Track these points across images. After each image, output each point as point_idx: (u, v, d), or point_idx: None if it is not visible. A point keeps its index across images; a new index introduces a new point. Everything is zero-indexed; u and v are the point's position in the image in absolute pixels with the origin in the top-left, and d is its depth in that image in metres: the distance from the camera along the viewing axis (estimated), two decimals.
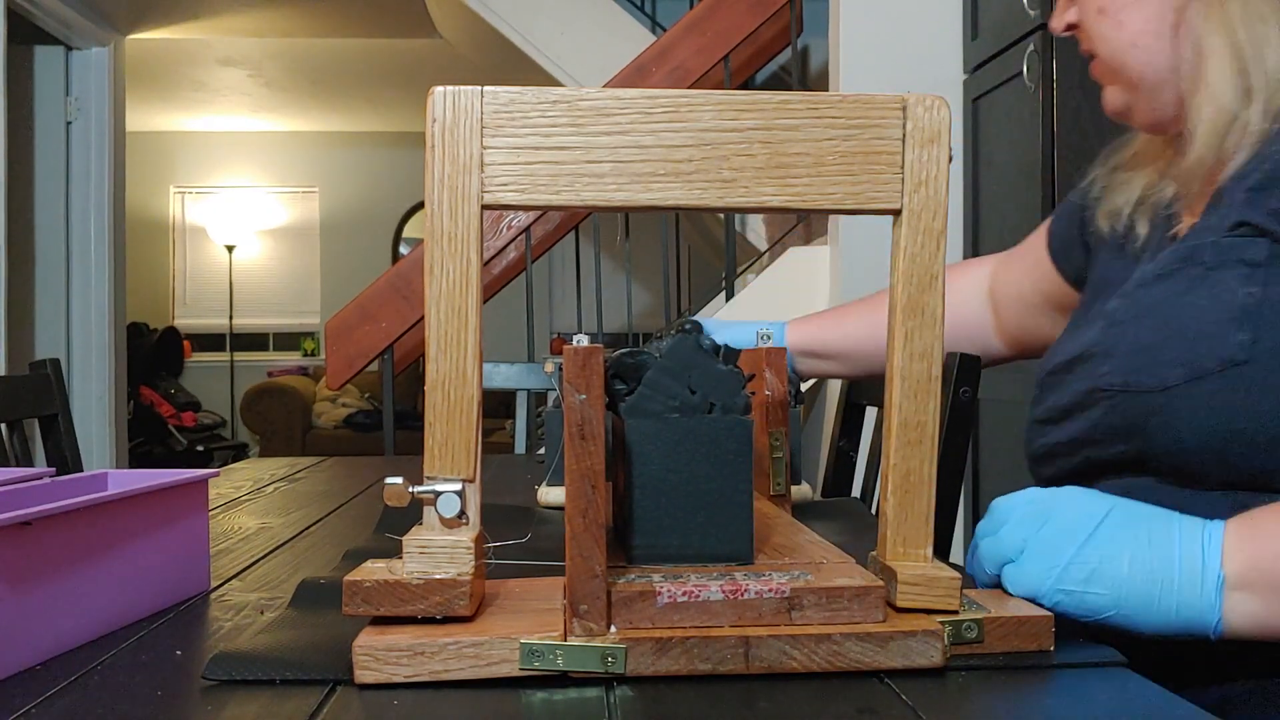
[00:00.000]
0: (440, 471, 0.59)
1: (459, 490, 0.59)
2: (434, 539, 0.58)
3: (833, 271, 2.77)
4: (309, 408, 6.46)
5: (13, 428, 1.47)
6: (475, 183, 0.59)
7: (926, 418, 0.63)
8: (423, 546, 0.58)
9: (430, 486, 0.59)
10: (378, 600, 0.58)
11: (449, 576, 0.58)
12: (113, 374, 4.31)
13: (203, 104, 6.82)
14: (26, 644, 0.59)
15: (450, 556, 0.58)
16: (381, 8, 4.67)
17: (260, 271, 7.55)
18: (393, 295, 3.04)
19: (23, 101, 4.07)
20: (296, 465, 1.67)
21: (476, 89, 0.60)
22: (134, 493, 0.68)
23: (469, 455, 0.59)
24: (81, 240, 4.24)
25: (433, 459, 0.59)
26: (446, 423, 0.59)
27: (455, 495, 0.59)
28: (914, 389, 0.63)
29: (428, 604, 0.58)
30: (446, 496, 0.59)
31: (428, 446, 0.59)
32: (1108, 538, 0.63)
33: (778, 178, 0.61)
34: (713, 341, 0.67)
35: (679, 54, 3.13)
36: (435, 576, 0.58)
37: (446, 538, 0.58)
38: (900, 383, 0.63)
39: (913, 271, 0.63)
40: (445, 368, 0.59)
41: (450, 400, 0.59)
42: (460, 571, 0.58)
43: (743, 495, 0.64)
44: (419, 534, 0.59)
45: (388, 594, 0.58)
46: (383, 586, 0.57)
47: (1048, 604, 0.63)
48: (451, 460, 0.59)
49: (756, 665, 0.56)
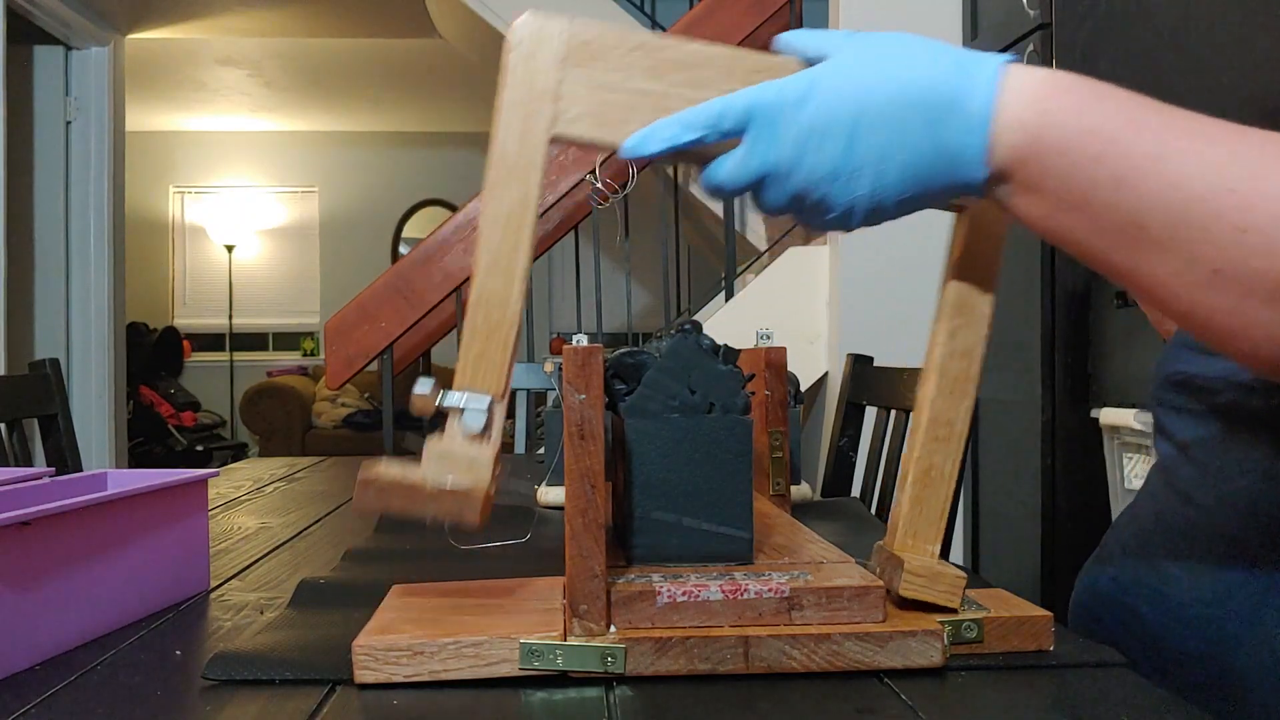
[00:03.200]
0: (471, 386, 0.59)
1: (487, 407, 0.59)
2: (455, 449, 0.58)
3: (832, 271, 2.77)
4: (308, 408, 6.45)
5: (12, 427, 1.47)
6: (547, 112, 0.58)
7: (958, 416, 0.63)
8: (443, 454, 0.58)
9: (459, 399, 0.59)
10: (390, 496, 0.57)
11: (464, 486, 0.58)
12: (112, 374, 4.30)
13: (202, 104, 6.82)
14: (26, 644, 0.59)
15: (469, 467, 0.58)
16: (381, 8, 4.67)
17: (260, 271, 7.55)
18: (392, 295, 3.03)
19: (22, 101, 4.07)
20: (296, 465, 1.67)
21: (565, 19, 0.58)
22: (133, 493, 0.68)
23: (501, 375, 0.59)
24: (81, 240, 4.24)
25: (464, 373, 0.59)
26: (485, 340, 0.59)
27: (482, 411, 0.58)
28: (950, 386, 0.63)
29: (439, 508, 0.57)
30: (473, 411, 0.58)
31: (461, 360, 0.59)
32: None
33: None
34: (712, 341, 0.67)
35: None
36: (451, 484, 0.57)
37: (467, 449, 0.58)
38: (937, 378, 0.63)
39: (968, 270, 0.63)
40: (491, 286, 0.59)
41: (491, 320, 0.59)
42: (476, 483, 0.58)
43: (742, 495, 0.64)
44: (440, 442, 0.59)
45: (402, 492, 0.57)
46: (398, 484, 0.57)
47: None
48: (483, 377, 0.59)
49: (756, 665, 0.56)
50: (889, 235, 2.64)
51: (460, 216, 3.08)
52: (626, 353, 0.67)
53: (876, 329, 2.61)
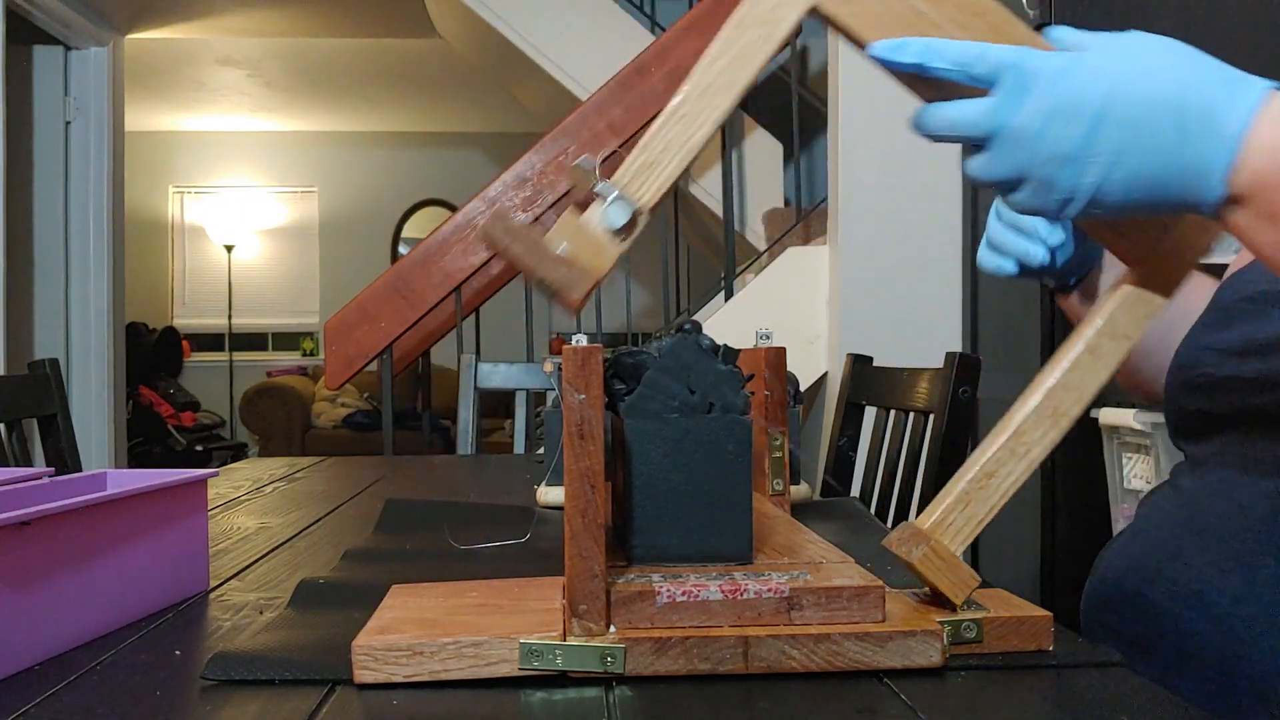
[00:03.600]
0: (627, 189, 0.59)
1: (634, 211, 0.59)
2: (590, 229, 0.59)
3: (832, 271, 2.77)
4: (308, 408, 6.45)
5: (12, 428, 1.47)
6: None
7: (1038, 442, 0.64)
8: (578, 229, 0.58)
9: (613, 192, 0.59)
10: (516, 239, 0.58)
11: (582, 265, 0.58)
12: (112, 374, 4.30)
13: (202, 104, 6.82)
14: (26, 644, 0.59)
15: (595, 251, 0.58)
16: (380, 8, 4.67)
17: (259, 271, 7.54)
18: (392, 295, 3.03)
19: (22, 101, 4.07)
20: (295, 465, 1.67)
21: None
22: (133, 493, 0.68)
23: (657, 190, 0.59)
24: (80, 240, 4.24)
25: (626, 173, 0.59)
26: (659, 153, 0.59)
27: (628, 213, 0.59)
28: (1048, 412, 0.64)
29: (549, 272, 0.57)
30: (621, 208, 0.58)
31: (629, 162, 0.59)
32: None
33: None
34: (712, 341, 0.67)
35: (678, 54, 3.13)
36: (574, 257, 0.58)
37: (600, 234, 0.59)
38: (1041, 398, 0.64)
39: (1130, 305, 0.64)
40: (692, 108, 0.59)
41: (675, 139, 0.59)
42: (594, 267, 0.58)
43: (742, 495, 0.64)
44: (578, 218, 0.59)
45: (527, 243, 0.58)
46: (528, 235, 0.58)
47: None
48: (643, 186, 0.59)
49: (756, 665, 0.56)
50: (889, 235, 2.64)
51: (460, 216, 3.08)
52: (626, 353, 0.67)
53: (876, 329, 2.61)
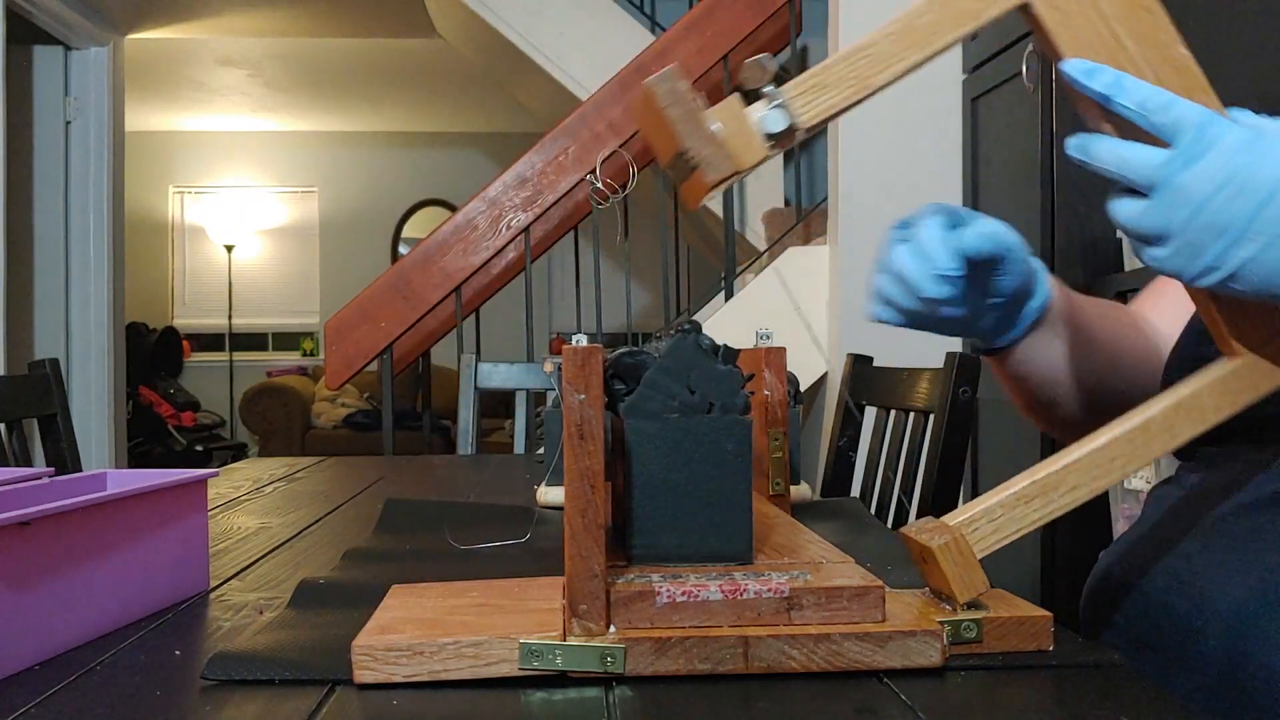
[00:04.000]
0: (794, 102, 0.59)
1: (792, 123, 0.59)
2: (748, 123, 0.59)
3: (832, 271, 2.77)
4: (308, 408, 6.46)
5: (12, 428, 1.47)
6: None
7: (1093, 480, 0.63)
8: (735, 116, 0.59)
9: (780, 99, 0.59)
10: (677, 102, 0.58)
11: (730, 149, 0.59)
12: (112, 374, 4.30)
13: (202, 104, 6.82)
14: (26, 644, 0.59)
15: (745, 143, 0.59)
16: (381, 8, 4.67)
17: (259, 271, 7.55)
18: (392, 295, 3.04)
19: (22, 101, 4.07)
20: (296, 465, 1.67)
21: None
22: (133, 493, 0.68)
23: (821, 115, 0.60)
24: (80, 240, 4.24)
25: (799, 87, 0.60)
26: (837, 81, 0.60)
27: (785, 123, 0.59)
28: (1129, 448, 0.63)
29: (698, 145, 0.58)
30: (780, 115, 0.59)
31: (806, 77, 0.60)
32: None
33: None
34: (712, 341, 0.68)
35: (678, 54, 3.13)
36: (724, 139, 0.59)
37: (754, 131, 0.59)
38: (1131, 430, 0.63)
39: (1246, 375, 0.64)
40: (885, 49, 0.60)
41: (859, 73, 0.60)
42: (738, 156, 0.59)
43: (742, 495, 0.64)
44: (741, 108, 0.59)
45: (687, 110, 0.58)
46: (690, 104, 0.58)
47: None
48: (809, 106, 0.60)
49: (756, 665, 0.56)
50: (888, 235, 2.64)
51: (460, 216, 3.08)
52: (626, 353, 0.67)
53: (876, 329, 2.60)
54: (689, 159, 0.59)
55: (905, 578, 0.72)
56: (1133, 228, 0.58)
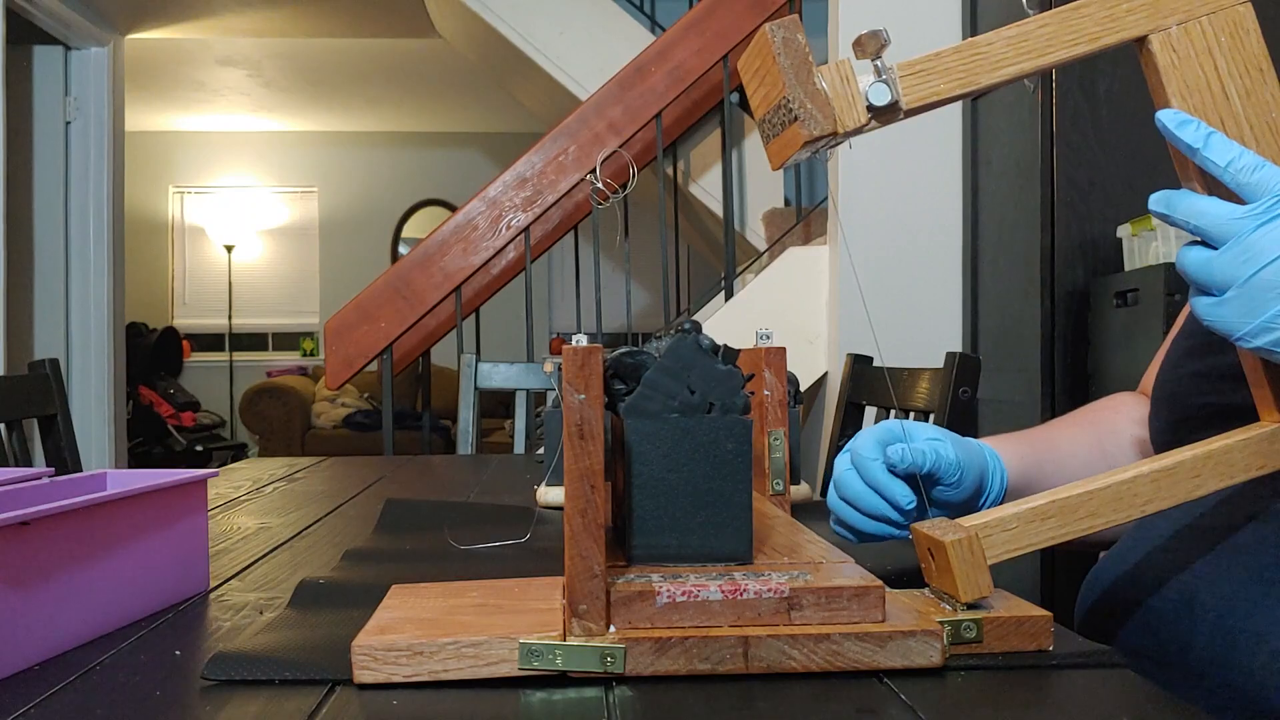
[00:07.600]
0: (903, 83, 0.61)
1: (893, 102, 0.61)
2: (854, 87, 0.60)
3: (832, 271, 2.77)
4: (308, 408, 6.46)
5: (12, 428, 1.47)
6: (1155, 22, 0.61)
7: (1111, 510, 0.64)
8: (844, 79, 0.60)
9: (894, 74, 0.61)
10: (793, 52, 0.60)
11: (834, 111, 0.60)
12: (112, 374, 4.30)
13: (202, 104, 6.82)
14: (26, 644, 0.59)
15: (847, 105, 0.60)
16: (380, 8, 4.67)
17: (259, 271, 7.54)
18: (392, 295, 3.03)
19: (22, 101, 4.07)
20: (295, 465, 1.67)
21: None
22: (133, 493, 0.68)
23: (923, 98, 0.61)
24: (80, 240, 4.24)
25: (911, 68, 0.61)
26: (944, 69, 0.61)
27: (888, 98, 0.60)
28: (1161, 488, 0.64)
29: (805, 98, 0.60)
30: (888, 89, 0.60)
31: (916, 60, 0.61)
32: None
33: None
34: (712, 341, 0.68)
35: (678, 54, 3.13)
36: (829, 96, 0.60)
37: (858, 98, 0.60)
38: (1174, 469, 0.64)
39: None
40: (989, 53, 0.61)
41: (964, 69, 0.61)
42: (838, 118, 0.60)
43: (742, 495, 0.64)
44: (852, 73, 0.61)
45: (799, 61, 0.59)
46: (804, 54, 0.60)
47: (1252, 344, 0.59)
48: (918, 87, 0.61)
49: (755, 665, 0.56)
50: (889, 236, 2.64)
51: (460, 216, 3.08)
52: (626, 353, 0.67)
53: (876, 329, 2.61)
54: (790, 109, 0.59)
55: (905, 578, 0.72)
56: (1196, 276, 0.59)
